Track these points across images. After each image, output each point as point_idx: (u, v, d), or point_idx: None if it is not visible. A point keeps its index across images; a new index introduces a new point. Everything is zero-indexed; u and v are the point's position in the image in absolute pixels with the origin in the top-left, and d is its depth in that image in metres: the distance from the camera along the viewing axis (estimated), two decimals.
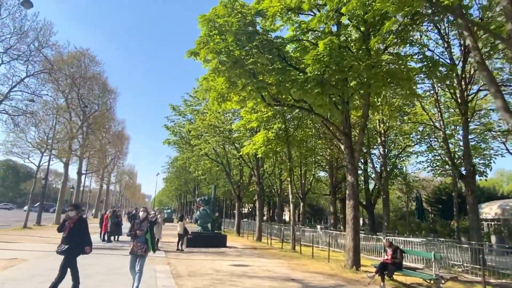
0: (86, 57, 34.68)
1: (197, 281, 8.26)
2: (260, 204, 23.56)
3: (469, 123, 14.30)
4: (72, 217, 6.33)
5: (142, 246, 6.64)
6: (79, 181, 40.54)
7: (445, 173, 28.30)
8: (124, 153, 61.32)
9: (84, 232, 6.40)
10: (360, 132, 11.63)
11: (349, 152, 11.51)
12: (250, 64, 9.27)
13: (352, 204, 11.18)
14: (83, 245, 6.30)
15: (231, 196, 47.68)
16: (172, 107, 26.81)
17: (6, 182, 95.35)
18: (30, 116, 21.20)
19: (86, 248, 6.34)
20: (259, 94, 11.21)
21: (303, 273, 10.15)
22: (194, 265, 10.85)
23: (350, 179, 11.35)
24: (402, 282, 9.09)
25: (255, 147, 16.40)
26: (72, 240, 6.18)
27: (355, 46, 10.84)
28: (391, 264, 8.72)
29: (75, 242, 6.21)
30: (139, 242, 6.64)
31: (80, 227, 6.34)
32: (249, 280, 8.71)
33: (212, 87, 12.14)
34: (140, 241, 6.64)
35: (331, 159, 22.51)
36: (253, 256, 13.74)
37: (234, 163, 31.57)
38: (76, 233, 6.23)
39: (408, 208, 34.34)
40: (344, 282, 9.02)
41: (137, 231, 6.65)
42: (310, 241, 18.44)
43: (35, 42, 19.72)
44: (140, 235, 6.64)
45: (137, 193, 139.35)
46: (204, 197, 19.59)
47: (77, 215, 6.45)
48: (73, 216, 6.34)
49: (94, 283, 7.64)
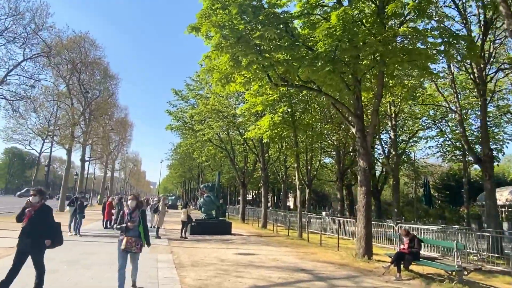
0: (86, 41, 33.88)
1: (201, 272, 7.77)
2: (265, 190, 23.07)
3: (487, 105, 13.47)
4: (34, 203, 5.33)
5: (137, 241, 5.68)
6: (82, 168, 40.30)
7: (455, 158, 27.58)
8: (128, 140, 61.01)
9: (47, 222, 5.41)
10: (374, 113, 10.90)
11: (361, 136, 10.82)
12: (256, 39, 8.51)
13: (364, 190, 10.55)
14: (48, 237, 5.36)
15: (236, 183, 47.39)
16: (175, 92, 26.07)
17: (11, 170, 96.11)
18: (28, 101, 20.62)
19: (46, 241, 5.33)
20: (265, 74, 10.48)
21: (313, 262, 9.63)
22: (198, 254, 10.38)
23: (362, 164, 10.69)
24: (419, 273, 8.53)
25: (260, 132, 15.73)
26: (32, 231, 5.23)
27: (368, 20, 9.99)
28: (408, 254, 8.15)
29: (39, 234, 5.26)
30: (133, 237, 5.64)
31: (42, 216, 5.36)
32: (256, 270, 8.20)
33: (215, 67, 11.42)
34: (134, 235, 5.66)
35: (339, 144, 21.80)
36: (259, 244, 13.27)
37: (239, 149, 30.99)
38: (37, 223, 5.27)
39: (416, 194, 33.64)
40: (357, 273, 8.48)
41: (128, 223, 5.66)
42: (316, 228, 17.97)
43: (31, 24, 19.00)
44: (132, 228, 5.66)
45: (142, 180, 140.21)
46: (208, 183, 19.10)
47: (40, 202, 5.42)
48: (35, 203, 5.33)
49: (93, 274, 7.17)
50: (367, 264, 9.65)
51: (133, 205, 5.84)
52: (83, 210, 13.84)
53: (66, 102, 32.09)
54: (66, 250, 9.89)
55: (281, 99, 16.33)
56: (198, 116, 23.38)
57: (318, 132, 18.87)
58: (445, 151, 26.79)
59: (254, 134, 16.51)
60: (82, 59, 33.26)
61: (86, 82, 35.09)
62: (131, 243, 5.62)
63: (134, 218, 5.75)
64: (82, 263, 8.16)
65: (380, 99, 10.78)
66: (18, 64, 19.03)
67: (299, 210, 16.39)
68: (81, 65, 33.22)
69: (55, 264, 7.90)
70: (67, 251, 9.80)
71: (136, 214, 5.80)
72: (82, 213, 13.74)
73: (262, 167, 22.77)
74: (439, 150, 27.12)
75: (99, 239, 12.74)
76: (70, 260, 8.46)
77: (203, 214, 16.95)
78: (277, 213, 25.81)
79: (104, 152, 49.95)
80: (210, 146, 27.70)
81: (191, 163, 48.34)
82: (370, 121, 11.34)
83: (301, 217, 16.44)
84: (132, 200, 5.93)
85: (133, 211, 5.84)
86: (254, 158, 27.25)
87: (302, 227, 16.19)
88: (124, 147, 60.43)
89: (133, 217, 5.77)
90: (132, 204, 5.86)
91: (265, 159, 23.02)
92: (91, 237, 13.06)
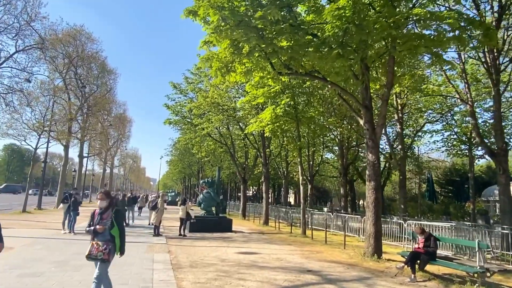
0: (82, 35, 33.13)
1: (200, 274, 7.16)
2: (266, 186, 22.46)
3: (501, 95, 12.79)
4: None
5: (104, 246, 4.55)
6: (80, 164, 39.78)
7: (461, 153, 26.97)
8: (127, 136, 60.33)
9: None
10: (384, 104, 10.23)
11: (370, 127, 10.17)
12: (257, 20, 7.82)
13: (373, 185, 9.93)
14: None
15: (236, 179, 46.82)
16: (173, 85, 25.36)
17: (11, 166, 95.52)
18: (20, 94, 19.92)
19: None
20: (268, 62, 9.80)
21: (320, 262, 9.03)
22: (197, 253, 9.78)
23: (370, 157, 10.06)
24: (434, 274, 7.94)
25: (262, 125, 15.08)
26: None
27: (378, 3, 9.29)
28: (423, 253, 7.54)
29: None
30: (100, 241, 4.59)
31: None
32: (259, 271, 7.60)
33: (214, 55, 10.76)
34: (102, 240, 4.60)
35: (342, 139, 21.15)
36: (261, 242, 12.68)
37: (239, 144, 30.38)
38: None
39: (419, 190, 33.07)
40: (367, 274, 7.89)
41: (97, 226, 4.65)
42: (319, 225, 17.41)
43: (23, 14, 18.24)
44: (102, 232, 4.62)
45: (142, 177, 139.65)
46: (208, 178, 18.46)
47: None
48: None
49: (83, 277, 6.57)
50: (377, 264, 9.06)
51: (103, 205, 4.78)
52: (77, 207, 13.23)
53: (62, 97, 31.42)
54: (57, 250, 9.31)
55: (283, 91, 15.65)
56: (197, 110, 22.70)
57: (323, 125, 18.18)
58: (450, 145, 26.21)
59: (255, 127, 15.86)
60: (79, 53, 32.55)
61: (83, 77, 34.42)
62: (96, 249, 4.56)
63: (105, 220, 4.71)
64: (72, 264, 7.56)
65: (390, 88, 10.11)
66: (10, 56, 18.32)
67: (302, 206, 15.78)
68: (78, 59, 32.52)
69: (42, 266, 7.30)
70: (58, 250, 9.22)
71: (108, 215, 4.75)
72: (76, 210, 13.13)
73: (264, 162, 22.15)
74: (444, 145, 26.54)
75: None
76: (60, 261, 7.85)
77: (203, 211, 16.38)
78: (278, 209, 25.25)
79: (103, 148, 49.32)
80: (210, 141, 27.09)
81: (190, 159, 47.76)
82: (379, 112, 10.69)
83: (305, 214, 15.83)
84: (102, 200, 4.80)
85: (105, 211, 4.80)
86: (255, 153, 26.65)
87: (305, 224, 15.60)
88: (123, 143, 59.85)
89: (104, 218, 4.73)
90: (102, 204, 4.79)
91: (266, 154, 22.38)
92: (85, 235, 12.40)
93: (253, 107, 20.35)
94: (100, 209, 4.82)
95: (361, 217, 14.99)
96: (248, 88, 15.72)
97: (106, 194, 4.94)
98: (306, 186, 16.09)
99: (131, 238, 12.46)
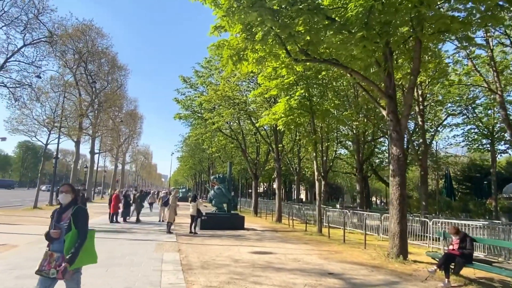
0: (92, 30, 32.94)
1: (211, 276, 6.58)
2: (279, 182, 21.79)
3: None
4: None
5: (58, 260, 3.35)
6: (92, 161, 39.80)
7: (482, 147, 25.82)
8: (138, 132, 60.51)
9: None
10: (409, 92, 9.41)
11: (394, 118, 9.39)
12: (273, 0, 7.13)
13: (398, 181, 9.16)
14: None
15: (247, 175, 46.27)
16: (183, 79, 24.84)
17: (25, 163, 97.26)
18: (30, 89, 19.69)
19: None
20: (283, 47, 9.10)
21: (340, 263, 8.35)
22: (208, 252, 9.22)
23: (395, 151, 9.28)
24: (470, 278, 7.18)
25: (275, 117, 14.39)
26: None
27: None
28: (459, 255, 6.78)
29: None
30: (56, 252, 3.42)
31: None
32: (276, 274, 6.97)
33: (225, 43, 10.13)
34: (59, 250, 3.41)
35: (358, 133, 20.29)
36: (276, 241, 12.05)
37: (250, 139, 29.79)
38: None
39: (438, 186, 31.89)
40: (395, 277, 7.17)
41: (51, 230, 3.48)
42: (333, 222, 16.68)
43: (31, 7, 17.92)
44: (57, 237, 3.43)
45: (153, 173, 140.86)
46: (219, 174, 17.90)
47: None
48: None
49: (84, 280, 6.01)
50: (404, 266, 8.32)
51: (66, 200, 3.59)
52: (84, 203, 12.83)
53: (73, 92, 31.35)
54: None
55: (297, 83, 14.93)
56: (208, 104, 22.12)
57: (341, 118, 17.37)
58: (471, 139, 25.07)
59: (268, 120, 15.19)
60: (89, 49, 32.38)
61: (94, 73, 34.29)
62: (48, 261, 3.37)
63: (63, 221, 3.49)
64: None
65: (416, 75, 9.28)
66: (18, 49, 18.04)
67: (318, 203, 15.05)
68: (88, 54, 32.36)
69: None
70: None
71: (67, 215, 3.51)
72: (84, 206, 12.72)
73: (276, 157, 21.47)
74: (465, 139, 25.41)
75: (102, 234, 11.72)
76: None
77: (214, 208, 15.85)
78: (291, 206, 24.57)
79: (114, 145, 49.45)
80: (221, 136, 26.56)
81: (201, 155, 47.45)
82: (403, 101, 9.89)
83: (320, 211, 15.11)
84: (66, 194, 3.59)
85: (65, 209, 3.59)
86: (266, 149, 26.01)
87: (321, 222, 14.89)
88: (135, 140, 59.98)
89: (62, 220, 3.51)
90: (64, 199, 3.58)
91: (279, 149, 21.70)
92: None
93: (265, 100, 19.68)
94: (61, 206, 3.65)
95: (381, 214, 14.22)
96: (261, 79, 15.06)
97: (71, 187, 3.76)
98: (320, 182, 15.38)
99: (140, 235, 12.02)
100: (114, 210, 15.98)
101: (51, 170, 65.41)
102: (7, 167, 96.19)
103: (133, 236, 11.86)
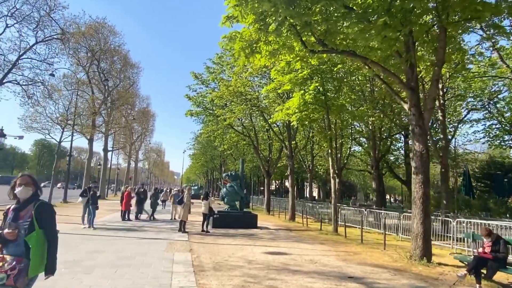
0: (105, 28, 33.06)
1: (224, 279, 6.23)
2: (292, 180, 21.34)
3: None
4: None
5: (13, 264, 2.75)
6: (105, 158, 40.12)
7: (504, 144, 24.78)
8: (150, 130, 60.96)
9: None
10: (433, 84, 8.83)
11: (417, 112, 8.84)
12: None
13: (421, 178, 8.63)
14: None
15: (259, 173, 45.91)
16: (194, 75, 24.56)
17: (41, 161, 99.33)
18: (42, 87, 19.75)
19: None
20: (299, 38, 8.64)
21: (360, 266, 7.88)
22: (221, 252, 8.89)
23: (418, 147, 8.74)
24: (503, 284, 6.64)
25: (289, 112, 13.93)
26: None
27: None
28: (492, 259, 6.25)
29: None
30: (8, 255, 2.82)
31: None
32: (292, 277, 6.58)
33: (237, 35, 9.73)
34: (13, 253, 2.83)
35: (374, 129, 19.64)
36: (290, 240, 11.64)
37: (263, 136, 29.39)
38: None
39: (456, 184, 30.88)
40: (420, 282, 6.68)
41: (5, 230, 2.83)
42: (348, 221, 16.12)
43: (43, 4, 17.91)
44: (13, 239, 2.83)
45: (166, 171, 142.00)
46: (231, 171, 17.57)
47: None
48: None
49: (93, 281, 5.77)
50: (428, 269, 7.81)
51: (25, 195, 3.00)
52: (96, 201, 12.70)
53: (86, 90, 31.54)
54: (72, 247, 8.66)
55: (311, 77, 14.42)
56: (219, 100, 21.81)
57: (354, 113, 16.78)
58: (492, 135, 24.09)
59: (281, 116, 14.75)
60: (101, 47, 32.51)
61: (107, 71, 34.45)
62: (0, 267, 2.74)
63: (22, 220, 2.91)
64: (84, 265, 6.82)
65: (441, 66, 8.70)
66: (30, 47, 18.08)
67: (334, 201, 14.55)
68: (101, 52, 32.49)
69: None
70: (73, 248, 8.56)
71: (27, 212, 2.95)
72: (96, 204, 12.60)
73: (289, 154, 21.02)
74: (486, 135, 24.42)
75: (113, 232, 11.56)
76: (73, 260, 7.13)
77: (226, 206, 15.54)
78: (304, 203, 24.10)
79: (127, 142, 49.85)
80: (232, 133, 26.24)
81: (213, 152, 47.32)
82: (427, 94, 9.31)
83: (336, 209, 14.62)
84: (25, 186, 2.99)
85: (24, 206, 2.99)
86: (279, 146, 25.56)
87: (337, 221, 14.40)
88: (147, 137, 60.40)
89: (21, 217, 2.92)
90: (23, 194, 2.99)
91: (292, 146, 21.23)
92: (105, 230, 11.91)
93: (278, 96, 19.23)
94: (18, 202, 3.02)
95: (400, 213, 13.64)
96: (274, 74, 14.62)
97: (31, 178, 3.10)
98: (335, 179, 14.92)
99: (151, 234, 11.79)
100: (125, 207, 15.86)
101: (66, 168, 66.49)
102: (24, 165, 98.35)
103: (144, 234, 11.63)
